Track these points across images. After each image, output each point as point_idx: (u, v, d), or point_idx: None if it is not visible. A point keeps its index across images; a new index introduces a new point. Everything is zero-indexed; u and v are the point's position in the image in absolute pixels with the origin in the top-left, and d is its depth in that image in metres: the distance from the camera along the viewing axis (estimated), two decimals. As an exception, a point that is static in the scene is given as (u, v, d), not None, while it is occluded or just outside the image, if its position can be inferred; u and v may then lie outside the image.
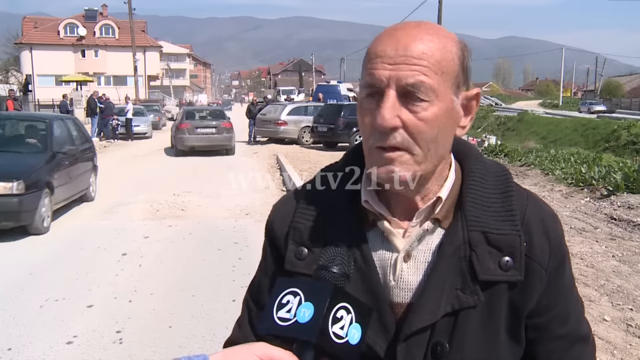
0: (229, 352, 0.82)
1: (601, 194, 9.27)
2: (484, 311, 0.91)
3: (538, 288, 0.93)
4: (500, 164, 1.02)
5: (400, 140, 0.87)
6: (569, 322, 0.98)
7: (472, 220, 0.93)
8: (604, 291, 5.10)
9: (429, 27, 0.90)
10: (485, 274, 0.90)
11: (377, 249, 0.96)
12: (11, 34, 59.82)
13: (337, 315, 0.83)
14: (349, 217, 0.97)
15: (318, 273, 0.88)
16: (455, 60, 0.89)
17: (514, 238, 0.91)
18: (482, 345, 0.91)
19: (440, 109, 0.87)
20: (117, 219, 8.42)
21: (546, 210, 0.99)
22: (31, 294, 5.18)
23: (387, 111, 0.85)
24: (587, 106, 57.32)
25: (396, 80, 0.85)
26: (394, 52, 0.86)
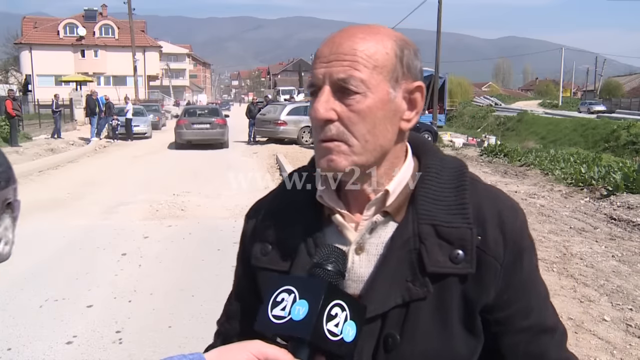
0: (223, 350, 0.83)
1: (601, 194, 9.28)
2: (434, 303, 0.92)
3: (493, 282, 0.94)
4: (458, 159, 1.04)
5: (336, 132, 0.91)
6: (532, 315, 0.98)
7: (423, 213, 0.95)
8: (603, 291, 5.11)
9: (368, 27, 0.95)
10: (433, 266, 0.91)
11: (332, 242, 0.98)
12: (11, 34, 59.76)
13: (331, 313, 0.83)
14: (308, 213, 1.02)
15: (313, 271, 0.89)
16: (390, 55, 0.92)
17: (464, 231, 0.93)
18: (434, 336, 0.92)
19: (374, 101, 0.90)
20: (116, 219, 8.42)
21: (504, 203, 0.99)
22: (31, 294, 5.18)
23: (320, 105, 0.90)
24: (587, 106, 57.29)
25: (329, 77, 0.90)
26: (329, 52, 0.92)
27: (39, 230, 7.61)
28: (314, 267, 0.89)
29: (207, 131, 20.67)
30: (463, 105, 58.98)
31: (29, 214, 8.62)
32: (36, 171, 13.77)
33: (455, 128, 42.81)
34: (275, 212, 1.06)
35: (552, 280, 5.39)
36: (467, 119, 51.82)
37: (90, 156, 18.32)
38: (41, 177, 13.24)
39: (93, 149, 20.01)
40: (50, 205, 9.39)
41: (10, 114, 18.04)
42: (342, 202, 1.00)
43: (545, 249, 6.44)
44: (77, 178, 12.90)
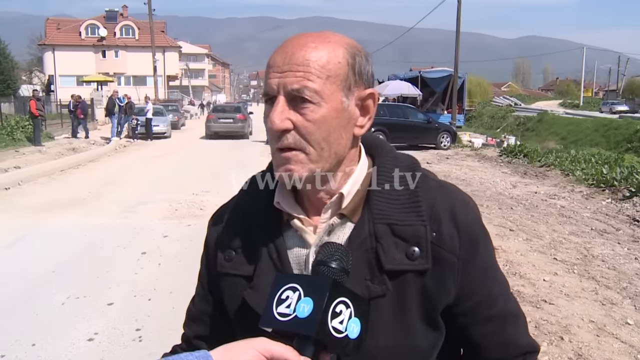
0: (229, 347, 0.83)
1: (623, 195, 9.14)
2: (394, 300, 0.95)
3: (452, 275, 0.96)
4: (411, 157, 1.06)
5: (292, 141, 0.93)
6: (497, 303, 1.01)
7: (377, 213, 0.97)
8: (626, 294, 5.03)
9: (319, 35, 0.97)
10: (390, 264, 0.94)
11: (292, 247, 1.02)
12: (35, 36, 60.79)
13: (336, 310, 0.84)
14: (268, 218, 1.04)
15: (317, 268, 0.90)
16: (342, 64, 0.94)
17: (419, 228, 0.95)
18: (395, 332, 0.95)
19: (328, 110, 0.92)
20: (136, 218, 8.50)
21: (457, 198, 1.02)
22: (53, 292, 5.26)
23: (276, 115, 0.92)
24: (609, 106, 56.48)
25: (283, 87, 0.92)
26: (282, 62, 0.93)
27: (60, 229, 7.72)
28: (318, 264, 0.90)
29: (231, 124, 25.33)
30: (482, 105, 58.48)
31: (51, 212, 8.77)
32: (58, 170, 13.97)
33: (474, 128, 42.48)
34: (236, 218, 1.09)
35: (573, 282, 5.33)
36: (486, 119, 51.37)
37: (110, 156, 18.53)
38: (63, 176, 13.43)
39: (113, 149, 20.24)
40: (72, 204, 9.52)
41: (34, 114, 18.34)
42: (299, 207, 1.03)
43: (566, 251, 6.36)
44: (98, 177, 13.05)
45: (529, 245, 6.62)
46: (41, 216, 8.52)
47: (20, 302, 5.02)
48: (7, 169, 12.99)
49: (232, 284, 1.04)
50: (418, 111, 21.10)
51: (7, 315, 4.69)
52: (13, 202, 9.84)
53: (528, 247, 6.56)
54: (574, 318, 4.48)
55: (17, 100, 32.51)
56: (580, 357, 3.85)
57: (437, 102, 30.89)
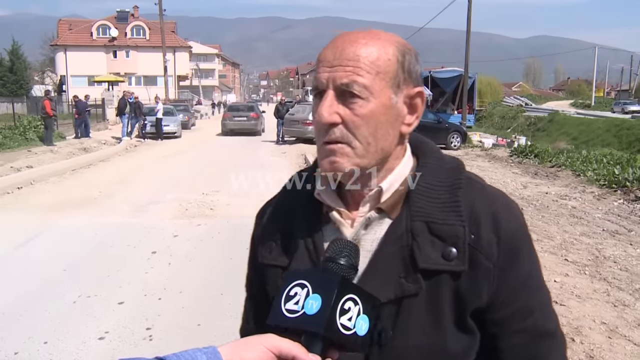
0: (237, 343, 0.83)
1: (635, 196, 9.07)
2: (427, 299, 0.93)
3: (486, 281, 0.94)
4: (456, 159, 1.06)
5: (340, 135, 0.94)
6: (531, 316, 0.98)
7: (416, 210, 0.96)
8: (638, 295, 4.99)
9: (369, 32, 0.98)
10: (425, 263, 0.93)
11: (330, 239, 1.00)
12: (47, 36, 61.33)
13: (344, 307, 0.84)
14: (308, 211, 1.05)
15: (325, 265, 0.90)
16: (392, 61, 0.95)
17: (457, 228, 0.94)
18: (426, 332, 0.94)
19: (377, 105, 0.93)
20: (147, 218, 8.54)
21: (500, 202, 1.00)
22: (64, 290, 5.30)
23: (325, 109, 0.93)
24: (621, 106, 55.99)
25: (333, 81, 0.93)
26: (332, 57, 0.94)
27: (72, 228, 7.78)
28: (326, 261, 0.90)
29: (245, 122, 27.63)
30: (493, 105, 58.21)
31: (62, 212, 8.84)
32: (70, 170, 14.08)
33: (484, 128, 42.30)
34: (278, 212, 1.11)
35: (585, 283, 5.29)
36: (496, 119, 51.13)
37: (121, 155, 18.64)
38: (74, 175, 13.53)
39: (124, 149, 20.35)
40: (83, 203, 9.59)
41: (48, 114, 18.54)
42: (340, 200, 1.03)
43: (577, 252, 6.32)
44: (109, 177, 13.13)
45: (540, 246, 6.58)
46: (53, 215, 8.58)
47: (32, 300, 5.06)
48: (20, 168, 13.10)
49: (272, 275, 1.06)
50: (428, 111, 21.06)
51: (19, 314, 4.73)
52: (25, 202, 9.92)
53: (539, 248, 6.52)
54: (585, 319, 4.45)
55: (29, 100, 32.79)
56: (592, 359, 3.82)
57: (447, 102, 30.81)
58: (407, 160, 1.03)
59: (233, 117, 27.97)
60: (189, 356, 0.78)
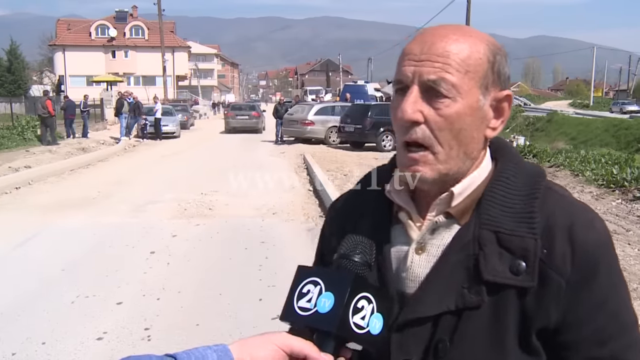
0: (248, 341, 0.82)
1: (634, 196, 9.07)
2: (489, 314, 0.88)
3: (555, 300, 0.87)
4: (537, 166, 1.00)
5: (421, 136, 0.89)
6: (609, 344, 0.89)
7: (486, 218, 0.91)
8: (636, 295, 5.00)
9: (459, 28, 0.92)
10: (490, 275, 0.87)
11: (397, 241, 0.99)
12: (46, 36, 61.29)
13: (357, 306, 0.82)
14: (378, 210, 1.02)
15: (339, 262, 0.88)
16: (483, 60, 0.89)
17: (528, 241, 0.88)
18: (486, 348, 0.88)
19: (464, 106, 0.88)
20: (145, 218, 8.54)
21: (580, 215, 0.92)
22: (63, 290, 5.30)
23: (408, 105, 0.88)
24: (620, 106, 56.08)
25: (419, 76, 0.88)
26: (420, 50, 0.89)
27: (70, 228, 7.77)
28: (340, 258, 0.88)
29: (246, 121, 29.49)
30: (491, 105, 58.20)
31: (61, 212, 8.83)
32: (68, 170, 14.06)
33: (483, 128, 42.26)
34: (349, 207, 1.08)
35: (583, 283, 5.30)
36: (495, 119, 51.13)
37: (120, 155, 18.63)
38: (73, 175, 13.52)
39: (123, 148, 20.34)
40: (82, 204, 9.58)
41: (50, 113, 18.66)
42: (412, 202, 0.99)
43: (576, 252, 6.33)
44: (107, 177, 13.12)
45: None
46: (51, 215, 8.57)
47: (30, 300, 5.06)
48: (18, 168, 13.09)
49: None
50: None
51: (17, 314, 4.73)
52: (23, 202, 9.91)
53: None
54: (583, 319, 4.45)
55: (27, 100, 32.76)
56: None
57: (446, 102, 30.78)
58: (485, 165, 0.97)
59: (236, 115, 29.77)
60: (199, 354, 0.78)
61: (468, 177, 0.95)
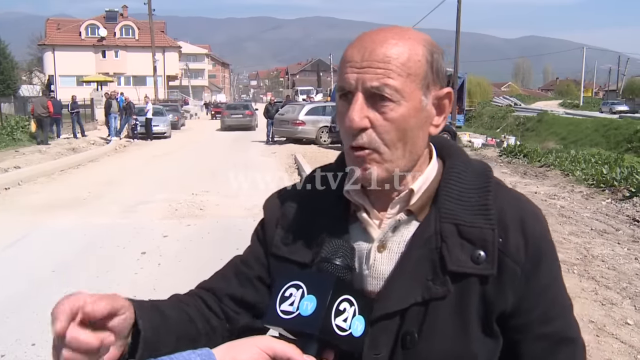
0: (231, 345, 0.83)
1: (623, 196, 9.15)
2: (454, 303, 0.92)
3: (512, 286, 0.93)
4: (483, 162, 1.05)
5: (367, 140, 0.91)
6: (552, 322, 0.97)
7: (445, 212, 0.95)
8: (626, 294, 5.04)
9: (396, 31, 0.94)
10: (454, 265, 0.91)
11: (356, 240, 1.00)
12: (35, 36, 60.85)
13: (339, 308, 0.83)
14: (334, 208, 1.03)
15: (321, 265, 0.89)
16: (422, 62, 0.92)
17: (487, 232, 0.92)
18: (452, 336, 0.92)
19: (408, 109, 0.91)
20: (136, 218, 8.50)
21: (528, 208, 0.99)
22: (53, 292, 5.26)
23: (355, 113, 0.90)
24: (609, 106, 56.52)
25: (362, 84, 0.90)
26: (360, 57, 0.90)
27: (60, 229, 7.72)
28: (322, 261, 0.89)
29: (241, 119, 31.88)
30: (482, 105, 58.54)
31: (51, 212, 8.78)
32: (58, 170, 13.97)
33: (474, 128, 42.50)
34: (300, 203, 1.07)
35: (573, 282, 5.33)
36: (486, 119, 51.41)
37: (110, 155, 18.54)
38: (63, 176, 13.43)
39: (113, 149, 20.25)
40: (72, 204, 9.52)
41: (50, 114, 18.77)
42: (368, 199, 1.01)
43: (566, 251, 6.37)
44: (98, 177, 13.05)
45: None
46: (41, 216, 8.52)
47: (20, 301, 5.02)
48: (7, 168, 12.99)
49: (284, 268, 1.02)
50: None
51: (6, 315, 4.69)
52: (13, 202, 9.84)
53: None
54: (573, 318, 4.48)
55: (17, 100, 32.52)
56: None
57: (437, 102, 30.88)
58: (434, 162, 1.02)
59: (230, 114, 32.26)
60: (183, 358, 0.78)
61: (422, 175, 0.99)
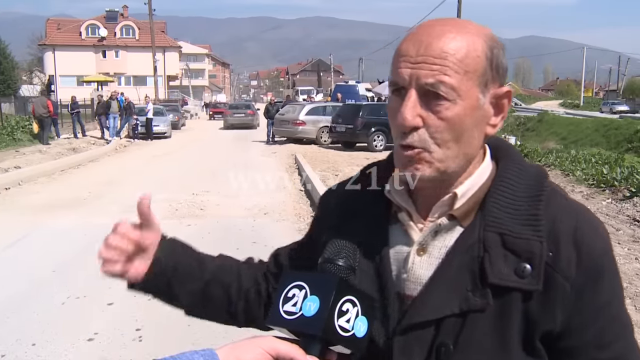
0: (235, 345, 0.83)
1: (623, 196, 9.14)
2: (493, 317, 0.86)
3: (560, 304, 0.86)
4: (539, 167, 0.98)
5: (418, 139, 0.87)
6: (609, 348, 0.88)
7: (491, 220, 0.89)
8: (626, 294, 5.03)
9: (454, 24, 0.89)
10: (496, 277, 0.86)
11: (396, 241, 0.97)
12: (35, 36, 60.89)
13: (342, 309, 0.83)
14: (376, 207, 1.01)
15: (323, 266, 0.89)
16: (481, 58, 0.87)
17: (534, 244, 0.86)
18: (490, 352, 0.86)
19: (464, 108, 0.86)
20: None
21: (584, 219, 0.90)
22: (53, 292, 5.26)
23: (407, 111, 0.85)
24: (609, 106, 56.53)
25: (416, 79, 0.85)
26: (415, 51, 0.86)
27: (61, 229, 7.73)
28: (325, 262, 0.89)
29: (242, 118, 33.93)
30: (482, 105, 58.43)
31: (51, 212, 8.78)
32: (58, 170, 13.98)
33: (474, 128, 42.41)
34: (346, 200, 1.06)
35: (573, 282, 5.33)
36: (486, 119, 51.34)
37: (110, 155, 18.54)
38: (63, 176, 13.44)
39: (113, 149, 20.25)
40: (72, 204, 9.52)
41: (50, 113, 18.83)
42: (411, 201, 0.97)
43: (566, 251, 6.37)
44: (98, 177, 13.05)
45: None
46: (41, 216, 8.52)
47: (20, 301, 5.02)
48: (8, 169, 13.00)
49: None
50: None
51: (7, 315, 4.69)
52: (13, 202, 9.84)
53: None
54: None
55: (17, 100, 32.53)
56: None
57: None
58: (486, 165, 0.96)
59: (233, 113, 34.54)
60: (186, 359, 0.78)
61: (470, 178, 0.93)
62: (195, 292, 1.15)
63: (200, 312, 1.21)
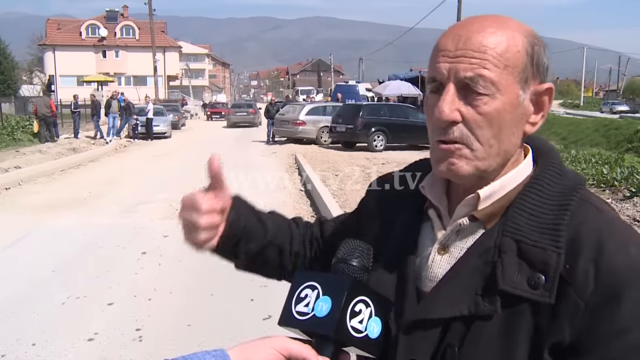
0: (246, 346, 0.82)
1: (624, 196, 9.13)
2: (500, 325, 0.83)
3: (571, 321, 0.79)
4: (577, 175, 0.93)
5: (459, 135, 0.85)
6: None
7: (510, 225, 0.86)
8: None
9: (495, 19, 0.88)
10: (506, 285, 0.82)
11: (424, 238, 0.97)
12: (35, 36, 60.91)
13: (355, 309, 0.82)
14: (413, 204, 1.01)
15: (337, 266, 0.88)
16: (522, 53, 0.85)
17: (550, 254, 0.81)
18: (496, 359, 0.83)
19: (503, 103, 0.84)
20: (136, 218, 8.50)
21: (613, 235, 0.83)
22: (53, 292, 5.26)
23: (445, 104, 0.84)
24: (610, 106, 56.56)
25: (455, 74, 0.84)
26: (454, 46, 0.85)
27: (61, 229, 7.73)
28: (338, 262, 0.88)
29: (245, 116, 36.08)
30: (482, 105, 58.46)
31: (51, 212, 8.78)
32: (58, 170, 13.98)
33: (474, 128, 42.43)
34: (387, 194, 1.08)
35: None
36: (486, 119, 51.38)
37: (110, 155, 18.54)
38: (63, 176, 13.44)
39: (114, 149, 20.24)
40: (72, 204, 9.52)
41: (52, 113, 19.02)
42: (446, 198, 0.96)
43: (566, 251, 6.37)
44: (98, 177, 13.06)
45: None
46: (41, 216, 8.52)
47: (20, 301, 5.02)
48: (8, 169, 13.00)
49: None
50: (418, 111, 21.13)
51: (7, 315, 4.70)
52: (13, 202, 9.84)
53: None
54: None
55: (17, 100, 32.54)
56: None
57: (437, 102, 30.87)
58: (523, 167, 0.92)
59: (236, 112, 36.69)
60: (197, 359, 0.77)
61: (498, 180, 0.90)
62: (255, 252, 1.16)
63: (253, 269, 1.23)
